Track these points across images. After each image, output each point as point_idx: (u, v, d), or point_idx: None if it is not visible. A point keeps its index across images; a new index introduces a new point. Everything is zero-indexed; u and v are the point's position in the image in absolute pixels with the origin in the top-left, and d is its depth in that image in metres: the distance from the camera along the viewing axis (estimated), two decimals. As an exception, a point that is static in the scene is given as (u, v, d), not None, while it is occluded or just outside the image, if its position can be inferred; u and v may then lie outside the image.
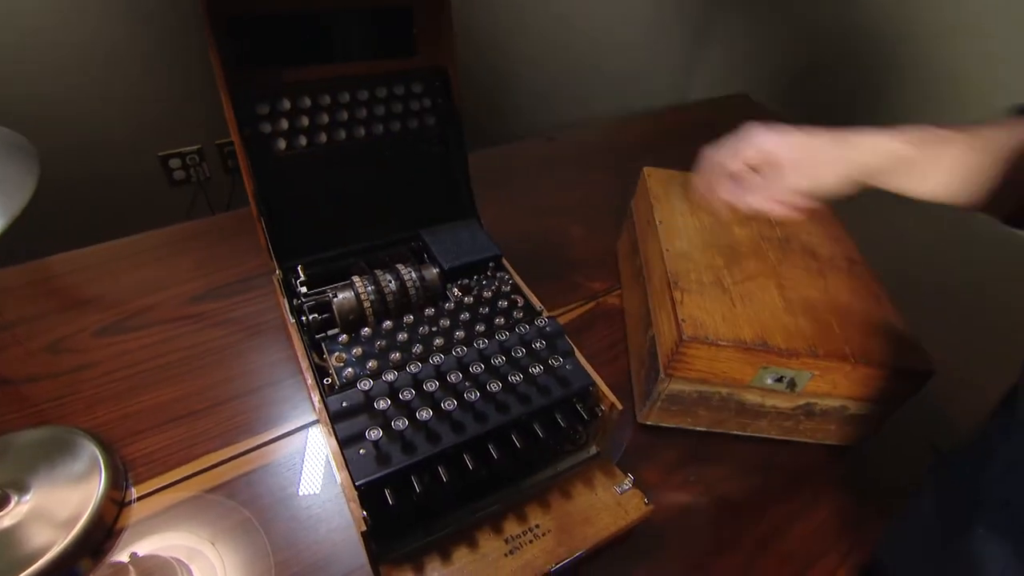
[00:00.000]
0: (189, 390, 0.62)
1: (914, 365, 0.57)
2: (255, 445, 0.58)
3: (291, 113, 0.60)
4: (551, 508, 0.53)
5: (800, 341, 0.56)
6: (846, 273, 0.67)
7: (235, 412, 0.60)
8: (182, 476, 0.55)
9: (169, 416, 0.59)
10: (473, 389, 0.50)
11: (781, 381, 0.58)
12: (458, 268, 0.62)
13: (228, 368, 0.64)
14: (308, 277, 0.61)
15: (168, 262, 0.76)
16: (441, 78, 0.67)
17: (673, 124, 1.34)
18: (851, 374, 0.57)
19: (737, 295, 0.60)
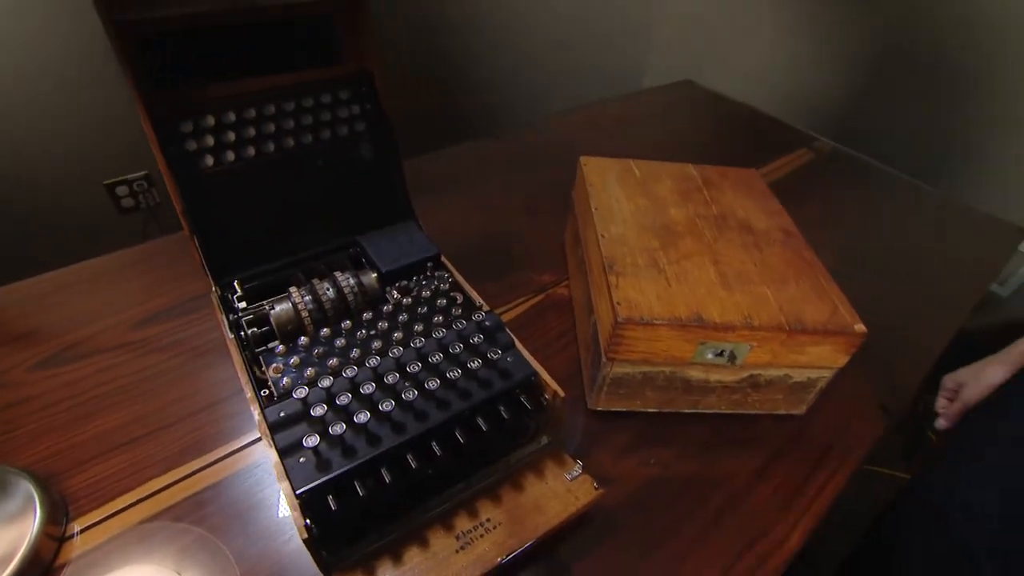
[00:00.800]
0: (133, 416, 0.61)
1: (847, 328, 0.58)
2: (205, 464, 0.57)
3: (216, 129, 0.60)
4: (502, 501, 0.53)
5: (735, 314, 0.57)
6: (781, 245, 0.68)
7: (182, 433, 0.59)
8: (128, 503, 0.54)
9: (113, 444, 0.58)
10: (411, 388, 0.50)
11: (722, 355, 0.59)
12: (396, 271, 0.62)
13: (173, 390, 0.63)
14: (246, 292, 0.61)
15: (109, 290, 0.74)
16: (367, 84, 0.67)
17: (620, 115, 1.35)
18: (787, 342, 0.58)
19: (672, 274, 0.61)
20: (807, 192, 1.15)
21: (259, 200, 0.63)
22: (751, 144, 1.33)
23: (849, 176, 1.24)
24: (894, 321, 0.84)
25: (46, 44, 1.05)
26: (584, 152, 0.80)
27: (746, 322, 0.57)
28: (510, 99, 1.70)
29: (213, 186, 0.60)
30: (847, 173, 1.25)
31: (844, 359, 0.61)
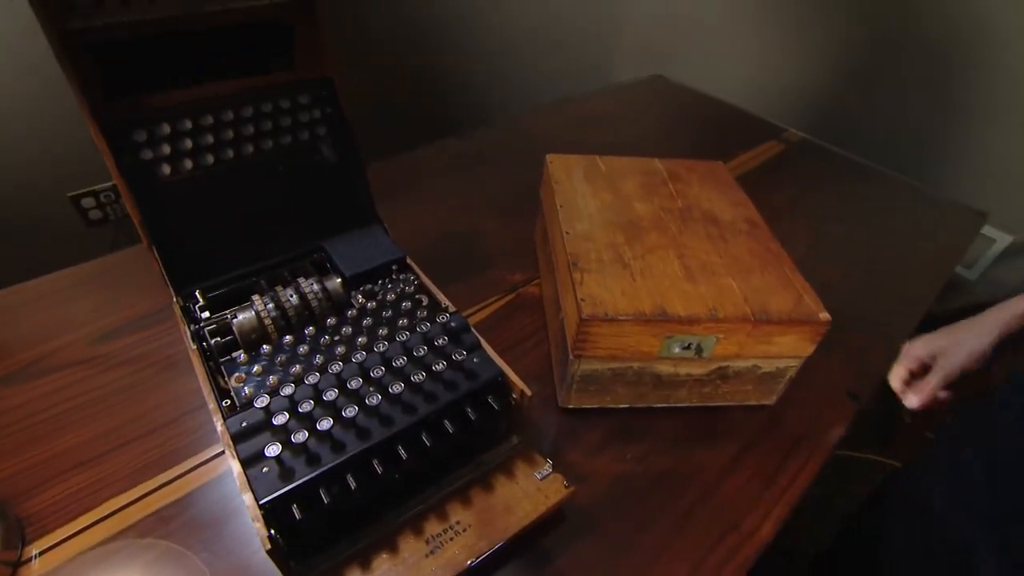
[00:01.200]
0: (95, 433, 0.59)
1: (812, 316, 0.58)
2: (171, 478, 0.56)
3: (172, 137, 0.59)
4: (472, 503, 0.53)
5: (700, 307, 0.57)
6: (746, 236, 0.69)
7: (146, 448, 0.58)
8: (90, 522, 0.52)
9: (74, 462, 0.57)
10: (375, 393, 0.50)
11: (689, 348, 0.59)
12: (361, 275, 0.62)
13: (137, 405, 0.62)
14: (209, 301, 0.60)
15: (70, 304, 0.73)
16: (327, 87, 0.66)
17: (590, 111, 1.36)
18: (753, 333, 0.58)
19: (637, 269, 0.61)
20: (777, 183, 1.16)
21: (220, 208, 0.62)
22: (721, 137, 1.34)
23: (818, 166, 1.26)
24: (862, 308, 0.85)
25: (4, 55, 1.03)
26: (553, 149, 0.80)
27: (711, 314, 0.57)
28: (478, 98, 1.70)
29: (171, 196, 0.59)
30: (816, 163, 1.27)
31: (811, 348, 0.61)
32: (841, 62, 1.60)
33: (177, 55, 0.58)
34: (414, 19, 1.47)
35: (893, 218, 1.11)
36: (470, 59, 1.63)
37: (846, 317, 0.81)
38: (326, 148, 0.67)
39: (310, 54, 0.65)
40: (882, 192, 1.20)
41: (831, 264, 0.94)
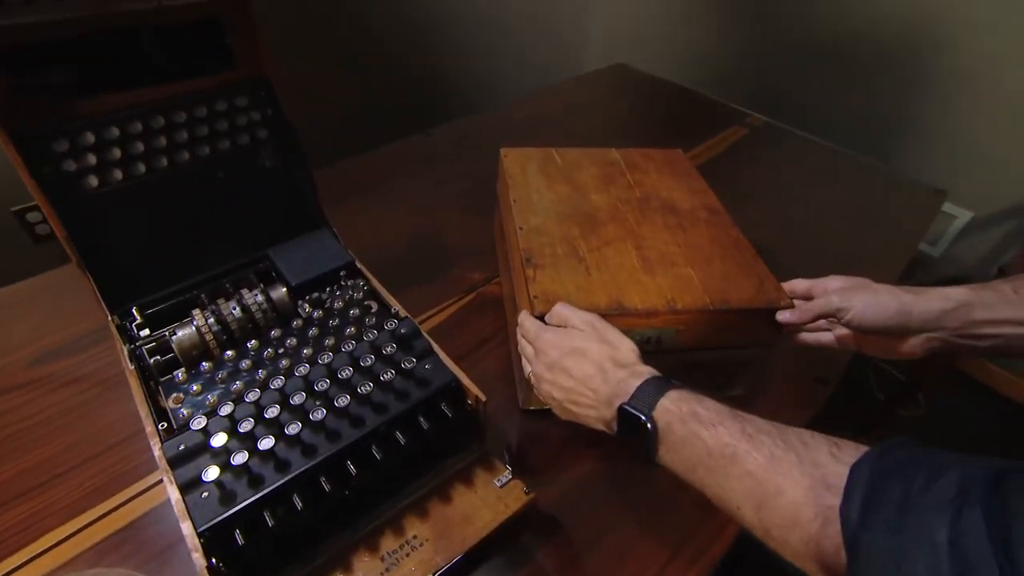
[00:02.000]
0: (36, 461, 0.56)
1: (773, 303, 0.57)
2: (113, 507, 0.53)
3: (98, 146, 0.55)
4: (429, 515, 0.51)
5: (658, 298, 0.56)
6: (706, 224, 0.67)
7: (87, 476, 0.55)
8: (27, 558, 0.50)
9: (14, 493, 0.53)
10: (320, 407, 0.47)
11: (648, 342, 0.58)
12: (307, 283, 0.59)
13: (76, 431, 0.59)
14: (148, 318, 0.57)
15: (7, 325, 0.69)
16: (265, 88, 0.64)
17: (553, 104, 1.34)
18: (714, 323, 0.57)
19: (593, 262, 0.60)
20: (741, 167, 1.16)
21: (155, 219, 0.59)
22: (685, 123, 1.33)
23: (781, 149, 1.25)
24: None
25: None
26: (516, 143, 0.78)
27: (669, 306, 0.55)
28: (442, 93, 1.67)
29: (100, 208, 0.56)
30: (779, 147, 1.26)
31: (774, 335, 0.60)
32: (802, 46, 1.59)
33: (100, 59, 0.55)
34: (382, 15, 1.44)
35: (857, 198, 1.12)
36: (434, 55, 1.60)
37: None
38: (268, 151, 0.65)
39: (246, 55, 0.62)
40: (845, 173, 1.20)
41: (797, 245, 0.94)
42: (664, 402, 0.43)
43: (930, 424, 1.59)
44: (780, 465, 0.37)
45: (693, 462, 0.42)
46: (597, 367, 0.48)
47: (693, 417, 0.42)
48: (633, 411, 0.44)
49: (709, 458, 0.40)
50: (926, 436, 1.55)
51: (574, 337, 0.51)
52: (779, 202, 1.06)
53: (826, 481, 0.34)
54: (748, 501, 0.38)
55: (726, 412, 0.42)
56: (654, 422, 0.43)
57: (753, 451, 0.38)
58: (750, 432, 0.39)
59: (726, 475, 0.39)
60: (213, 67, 0.61)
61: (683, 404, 0.43)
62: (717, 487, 0.40)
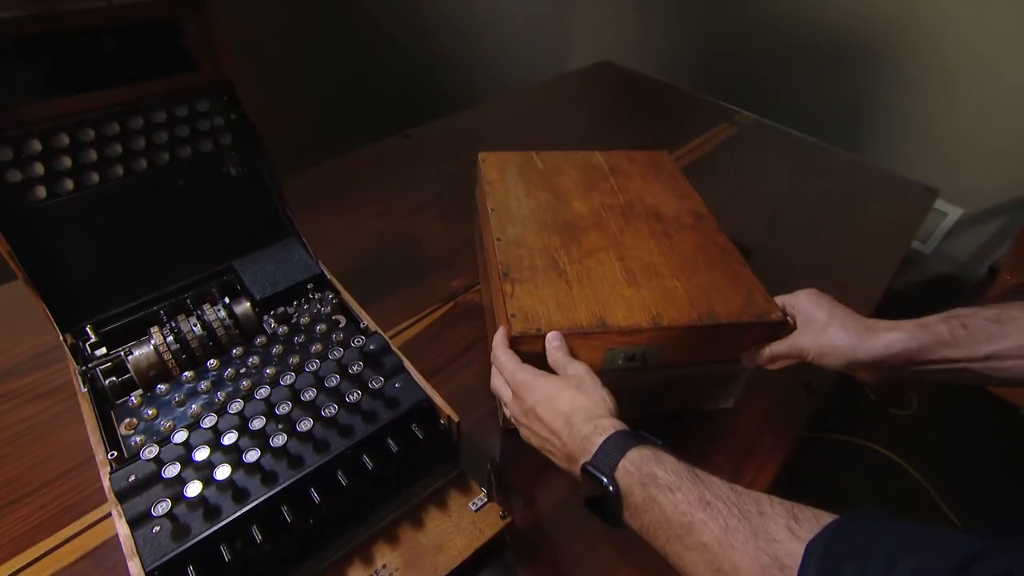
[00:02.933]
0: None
1: (763, 316, 0.55)
2: (60, 542, 0.50)
3: (45, 155, 0.52)
4: (400, 542, 0.48)
5: (643, 314, 0.54)
6: (692, 230, 0.65)
7: (33, 508, 0.52)
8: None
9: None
10: (280, 432, 0.45)
11: (633, 360, 0.55)
12: (273, 297, 0.57)
13: (30, 456, 0.56)
14: (103, 337, 0.54)
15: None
16: (228, 92, 0.60)
17: (536, 103, 1.31)
18: (700, 338, 0.55)
19: (574, 275, 0.57)
20: (730, 165, 1.13)
21: (110, 232, 0.56)
22: (672, 121, 1.30)
23: (771, 147, 1.23)
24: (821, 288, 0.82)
25: None
26: (497, 144, 0.75)
27: (654, 322, 0.53)
28: (420, 93, 1.64)
29: (49, 221, 0.53)
30: (768, 145, 1.24)
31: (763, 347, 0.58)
32: (791, 43, 1.57)
33: (47, 61, 0.52)
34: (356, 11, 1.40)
35: (848, 196, 1.10)
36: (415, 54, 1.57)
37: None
38: (232, 158, 0.62)
39: (206, 55, 0.59)
40: (836, 171, 1.18)
41: (789, 244, 0.92)
42: (625, 464, 0.41)
43: (922, 423, 1.58)
44: (735, 538, 0.35)
45: (654, 528, 0.40)
46: (565, 420, 0.46)
47: (652, 481, 0.40)
48: (595, 473, 0.42)
49: (667, 526, 0.39)
50: (918, 436, 1.54)
51: (549, 383, 0.49)
52: (768, 201, 1.04)
53: (780, 561, 0.33)
54: (703, 572, 0.37)
55: (685, 475, 0.40)
56: (616, 484, 0.41)
57: (709, 521, 0.36)
58: (708, 499, 0.38)
59: (684, 545, 0.38)
60: (171, 70, 0.58)
61: (643, 466, 0.41)
62: (676, 556, 0.39)
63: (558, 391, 0.48)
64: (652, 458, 0.41)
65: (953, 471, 1.45)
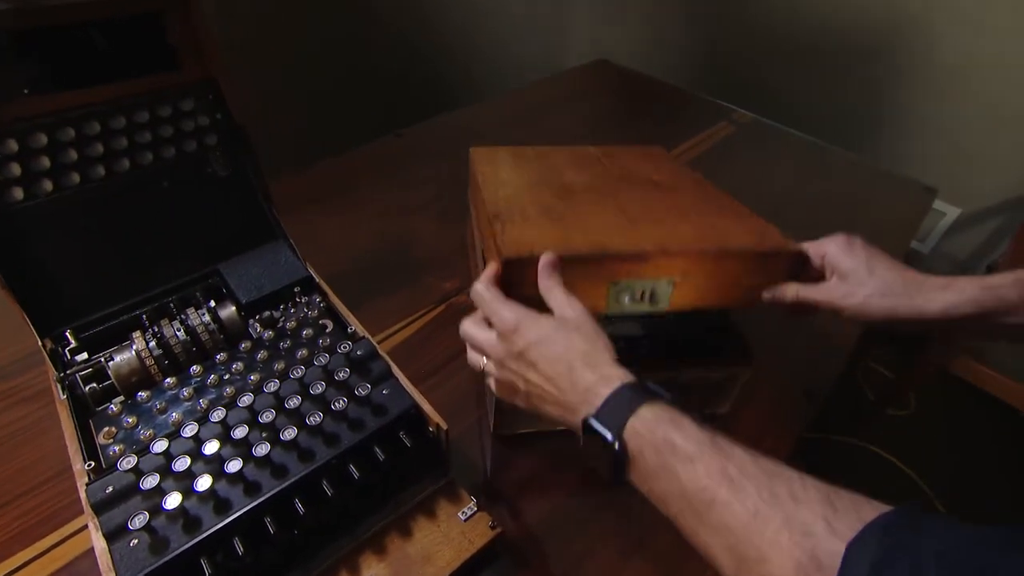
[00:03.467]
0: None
1: (780, 248, 0.52)
2: (36, 554, 0.48)
3: (23, 155, 0.51)
4: (388, 553, 0.47)
5: (648, 244, 0.50)
6: (692, 190, 0.63)
7: (16, 515, 0.50)
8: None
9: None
10: (264, 441, 0.43)
11: (641, 299, 0.51)
12: (259, 300, 0.55)
13: (11, 464, 0.54)
14: (83, 343, 0.53)
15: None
16: (213, 91, 0.59)
17: (532, 102, 1.30)
18: (714, 271, 0.51)
19: (571, 219, 0.54)
20: (728, 164, 1.12)
21: (92, 234, 0.55)
22: (669, 120, 1.29)
23: (769, 146, 1.22)
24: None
25: None
26: (492, 142, 0.73)
27: (662, 249, 0.49)
28: (414, 92, 1.62)
29: (26, 223, 0.51)
30: (767, 144, 1.23)
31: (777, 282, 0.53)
32: (789, 41, 1.56)
33: (24, 58, 0.50)
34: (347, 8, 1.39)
35: (846, 196, 1.08)
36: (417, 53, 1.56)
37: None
38: (217, 158, 0.60)
39: (191, 53, 0.58)
40: (834, 170, 1.17)
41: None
42: (635, 424, 0.38)
43: (921, 424, 1.57)
44: (765, 526, 0.31)
45: (666, 496, 0.37)
46: (566, 365, 0.41)
47: (668, 448, 0.36)
48: (599, 428, 0.38)
49: (682, 498, 0.35)
50: (917, 437, 1.53)
51: (543, 323, 0.44)
52: (768, 200, 1.02)
53: (817, 558, 0.29)
54: (726, 556, 0.33)
55: (707, 443, 0.36)
56: (623, 445, 0.38)
57: (735, 502, 0.33)
58: (733, 475, 0.34)
59: (701, 520, 0.34)
60: (154, 68, 0.56)
61: (657, 429, 0.37)
62: (691, 529, 0.35)
63: (555, 332, 0.43)
64: (668, 420, 0.37)
65: (952, 472, 1.45)
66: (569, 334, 0.43)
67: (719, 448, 0.36)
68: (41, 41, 0.50)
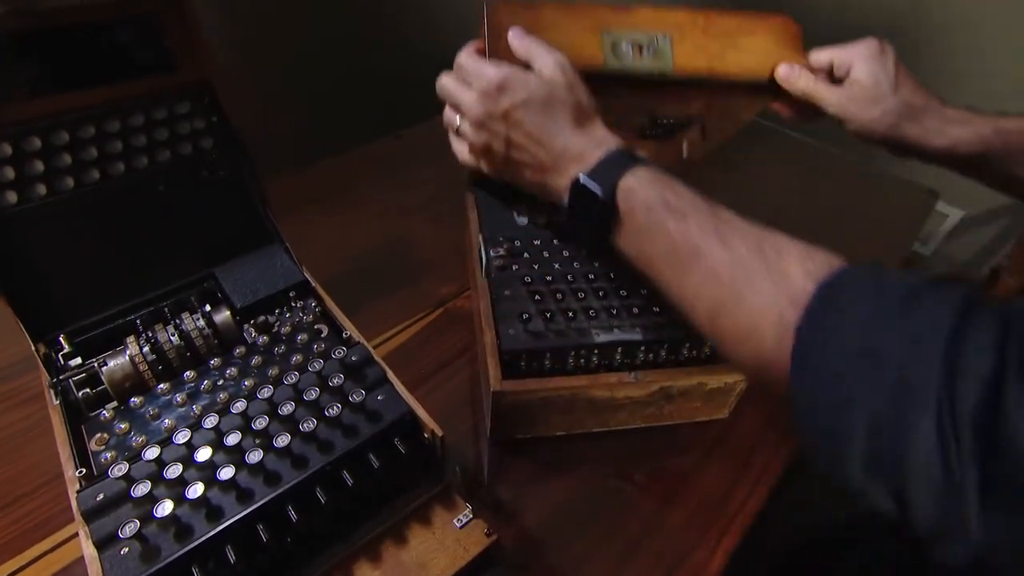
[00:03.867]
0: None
1: (789, 21, 0.52)
2: (24, 564, 0.48)
3: (16, 159, 0.51)
4: (382, 561, 0.46)
5: None
6: None
7: (9, 522, 0.50)
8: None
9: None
10: (257, 448, 0.43)
11: (642, 54, 0.49)
12: (254, 305, 0.55)
13: (3, 470, 0.54)
14: (78, 346, 0.52)
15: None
16: (209, 93, 0.59)
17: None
18: (712, 29, 0.50)
19: None
20: (726, 167, 1.11)
21: (86, 238, 0.54)
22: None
23: (772, 148, 1.21)
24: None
25: None
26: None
27: None
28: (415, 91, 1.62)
29: (20, 227, 0.51)
30: (769, 145, 1.22)
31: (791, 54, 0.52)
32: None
33: (16, 61, 0.50)
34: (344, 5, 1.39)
35: (848, 198, 1.08)
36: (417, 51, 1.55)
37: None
38: (213, 162, 0.60)
39: (186, 55, 0.57)
40: (836, 173, 1.16)
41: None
42: (629, 180, 0.37)
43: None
44: (747, 271, 0.33)
45: (652, 254, 0.38)
46: (556, 126, 0.40)
47: (661, 204, 0.37)
48: (591, 185, 0.38)
49: (671, 254, 0.36)
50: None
51: (529, 81, 0.42)
52: (768, 202, 1.02)
53: (792, 297, 0.31)
54: (705, 302, 0.35)
55: (699, 202, 0.37)
56: (615, 202, 0.37)
57: (723, 253, 0.34)
58: (722, 231, 0.35)
59: (686, 271, 0.36)
60: (149, 70, 0.56)
61: (651, 188, 0.37)
62: (675, 283, 0.37)
63: (542, 92, 0.42)
64: (661, 181, 0.37)
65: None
66: (557, 94, 0.42)
67: (711, 207, 0.37)
68: (35, 44, 0.50)
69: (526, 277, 0.59)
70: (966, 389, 0.24)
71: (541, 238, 0.64)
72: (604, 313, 0.58)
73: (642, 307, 0.58)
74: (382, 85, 1.54)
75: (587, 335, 0.56)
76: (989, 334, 0.25)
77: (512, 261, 0.61)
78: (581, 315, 0.57)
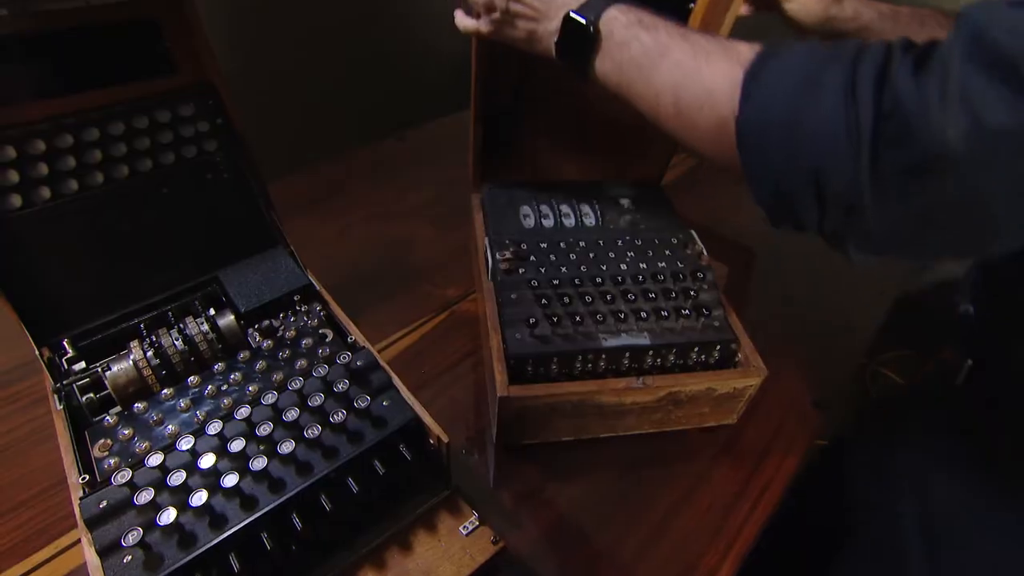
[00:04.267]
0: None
1: None
2: (28, 569, 0.47)
3: (20, 162, 0.50)
4: (388, 568, 0.46)
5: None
6: None
7: (8, 529, 0.50)
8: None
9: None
10: (261, 454, 0.42)
11: None
12: (258, 309, 0.54)
13: (6, 475, 0.54)
14: (80, 351, 0.52)
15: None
16: (212, 96, 0.58)
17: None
18: None
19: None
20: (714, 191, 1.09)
21: (90, 242, 0.54)
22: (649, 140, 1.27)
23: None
24: (824, 308, 0.80)
25: None
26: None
27: None
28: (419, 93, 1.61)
29: (25, 231, 0.51)
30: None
31: None
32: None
33: (21, 63, 0.50)
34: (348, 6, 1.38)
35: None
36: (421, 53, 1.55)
37: (808, 322, 0.76)
38: (217, 165, 0.59)
39: (188, 57, 0.57)
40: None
41: (791, 250, 0.88)
42: (612, 11, 0.46)
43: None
44: (707, 52, 0.41)
45: (625, 63, 0.45)
46: None
47: (638, 23, 0.45)
48: (578, 16, 0.46)
49: (643, 57, 0.44)
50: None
51: None
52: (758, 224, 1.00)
53: (741, 60, 0.39)
54: (670, 88, 0.42)
55: (671, 22, 0.45)
56: (598, 27, 0.45)
57: (686, 44, 0.42)
58: (687, 35, 0.43)
59: (655, 68, 0.43)
60: (153, 73, 0.56)
61: (630, 12, 0.45)
62: (644, 83, 0.44)
63: None
64: (641, 11, 0.46)
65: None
66: None
67: (681, 26, 0.45)
68: (39, 47, 0.50)
69: (532, 281, 0.58)
70: (863, 72, 0.33)
71: (548, 241, 0.64)
72: (611, 317, 0.57)
73: (650, 311, 0.58)
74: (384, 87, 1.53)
75: (594, 339, 0.56)
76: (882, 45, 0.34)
77: (518, 264, 0.61)
78: (588, 319, 0.57)
